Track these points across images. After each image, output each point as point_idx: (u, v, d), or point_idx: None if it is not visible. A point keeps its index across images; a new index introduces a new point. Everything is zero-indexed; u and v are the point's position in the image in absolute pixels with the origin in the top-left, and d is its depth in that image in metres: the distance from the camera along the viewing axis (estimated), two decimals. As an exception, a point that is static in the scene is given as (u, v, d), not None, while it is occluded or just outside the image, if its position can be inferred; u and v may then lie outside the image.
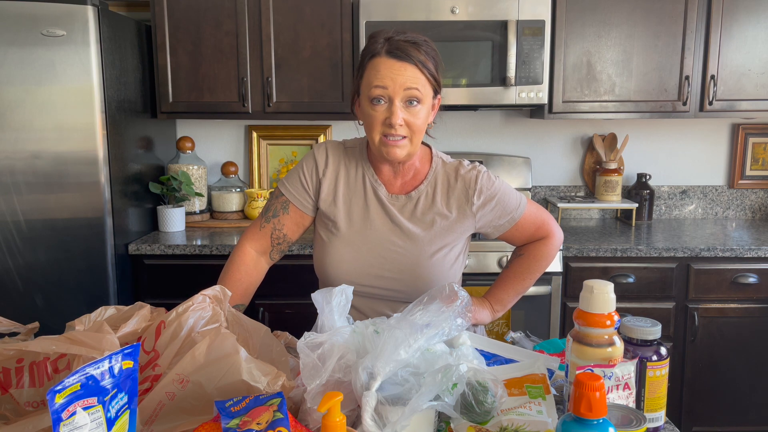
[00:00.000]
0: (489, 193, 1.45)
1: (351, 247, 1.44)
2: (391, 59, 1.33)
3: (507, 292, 1.57)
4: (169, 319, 1.01)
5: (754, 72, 2.74)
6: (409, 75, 1.33)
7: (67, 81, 2.30)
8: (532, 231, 1.53)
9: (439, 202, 1.45)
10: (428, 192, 1.46)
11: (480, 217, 1.46)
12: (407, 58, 1.32)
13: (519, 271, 1.56)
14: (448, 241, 1.45)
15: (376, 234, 1.44)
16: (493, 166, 3.07)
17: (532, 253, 1.55)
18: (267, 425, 0.79)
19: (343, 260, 1.44)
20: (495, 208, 1.46)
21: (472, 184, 1.44)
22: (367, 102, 1.36)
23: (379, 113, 1.34)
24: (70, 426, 0.72)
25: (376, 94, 1.33)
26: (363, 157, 1.49)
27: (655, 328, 1.03)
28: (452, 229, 1.45)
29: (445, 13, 2.62)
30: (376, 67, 1.34)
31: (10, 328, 1.09)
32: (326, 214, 1.47)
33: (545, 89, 2.66)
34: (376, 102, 1.34)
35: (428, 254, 1.43)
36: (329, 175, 1.48)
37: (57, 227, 2.36)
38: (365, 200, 1.46)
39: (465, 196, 1.45)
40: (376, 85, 1.33)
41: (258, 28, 2.71)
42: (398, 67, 1.32)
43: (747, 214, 3.22)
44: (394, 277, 1.43)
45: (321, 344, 0.96)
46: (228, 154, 3.17)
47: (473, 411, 0.96)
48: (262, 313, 2.56)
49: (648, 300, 2.59)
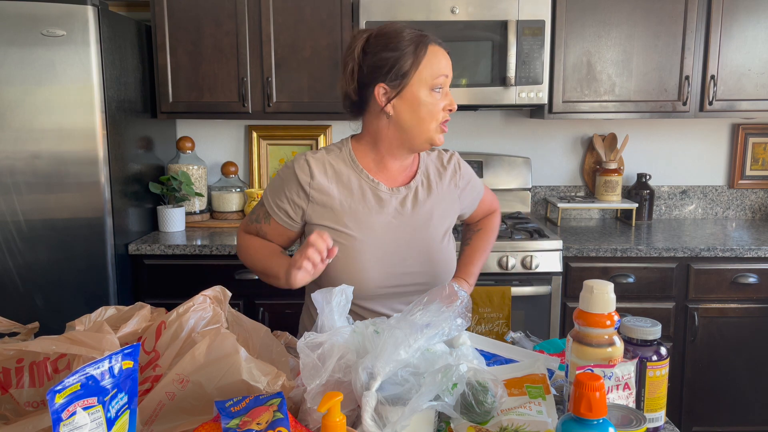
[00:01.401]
0: (468, 176, 1.57)
1: (369, 252, 1.41)
2: (442, 49, 1.39)
3: (476, 265, 1.64)
4: (170, 320, 1.01)
5: (754, 72, 2.75)
6: None
7: (67, 81, 2.30)
8: (487, 206, 1.69)
9: (434, 189, 1.50)
10: (423, 180, 1.50)
11: (463, 199, 1.56)
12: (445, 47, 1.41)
13: (482, 245, 1.67)
14: (446, 224, 1.52)
15: (387, 232, 1.43)
16: (493, 166, 3.07)
17: (488, 226, 1.69)
18: (267, 425, 0.79)
19: (365, 267, 1.40)
20: (473, 190, 1.59)
21: (458, 168, 1.55)
22: (425, 91, 1.36)
23: (438, 101, 1.38)
24: (70, 426, 0.72)
25: (441, 83, 1.37)
26: (352, 160, 1.45)
27: (655, 328, 1.03)
28: (447, 213, 1.52)
29: (445, 13, 2.62)
30: (436, 54, 1.37)
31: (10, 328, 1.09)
32: (326, 226, 1.42)
33: (545, 89, 2.66)
34: (438, 90, 1.37)
35: (439, 238, 1.48)
36: (317, 187, 1.42)
37: (57, 227, 2.36)
38: (366, 203, 1.43)
39: (453, 181, 1.53)
40: (442, 74, 1.37)
41: (258, 28, 2.71)
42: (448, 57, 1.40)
43: (747, 214, 3.22)
44: (417, 271, 1.45)
45: (321, 344, 0.96)
46: (228, 154, 3.17)
47: (473, 411, 0.96)
48: (262, 313, 2.56)
49: (648, 300, 2.59)
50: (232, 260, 2.54)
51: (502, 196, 3.09)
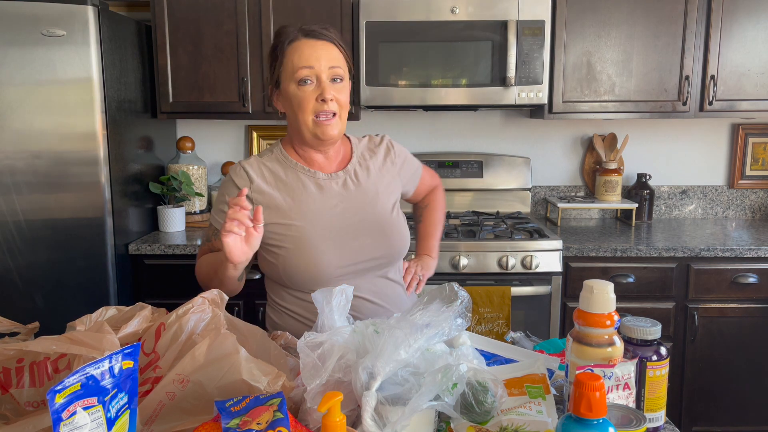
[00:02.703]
0: (403, 155, 1.64)
1: (320, 239, 1.43)
2: (311, 39, 1.40)
3: (434, 238, 1.77)
4: (169, 321, 1.01)
5: (754, 72, 2.75)
6: (332, 54, 1.40)
7: (67, 81, 2.30)
8: (428, 182, 1.77)
9: (372, 168, 1.54)
10: (360, 163, 1.54)
11: (402, 176, 1.62)
12: (324, 37, 1.41)
13: (434, 219, 1.79)
14: (392, 199, 1.57)
15: (335, 215, 1.46)
16: (493, 166, 3.07)
17: (435, 201, 1.80)
18: (267, 425, 0.79)
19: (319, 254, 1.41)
20: (409, 167, 1.66)
21: (390, 148, 1.61)
22: (293, 86, 1.40)
23: (308, 93, 1.39)
24: (70, 426, 0.72)
25: (303, 75, 1.38)
26: (284, 157, 1.50)
27: (655, 328, 1.03)
28: (390, 189, 1.56)
29: (445, 13, 2.62)
30: (299, 49, 1.39)
31: (10, 328, 1.09)
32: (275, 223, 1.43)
33: (545, 89, 2.66)
34: (303, 83, 1.39)
35: (387, 211, 1.52)
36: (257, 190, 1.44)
37: (57, 227, 2.36)
38: (306, 193, 1.46)
39: (389, 160, 1.59)
40: (303, 66, 1.38)
41: (258, 28, 2.71)
42: (320, 46, 1.39)
43: (747, 214, 3.22)
44: (371, 243, 1.47)
45: (321, 344, 0.96)
46: (228, 154, 3.17)
47: (473, 411, 0.96)
48: (262, 313, 2.56)
49: (648, 300, 2.59)
50: (232, 260, 2.54)
51: (502, 196, 3.09)
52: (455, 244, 2.52)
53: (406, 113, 3.15)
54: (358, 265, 1.47)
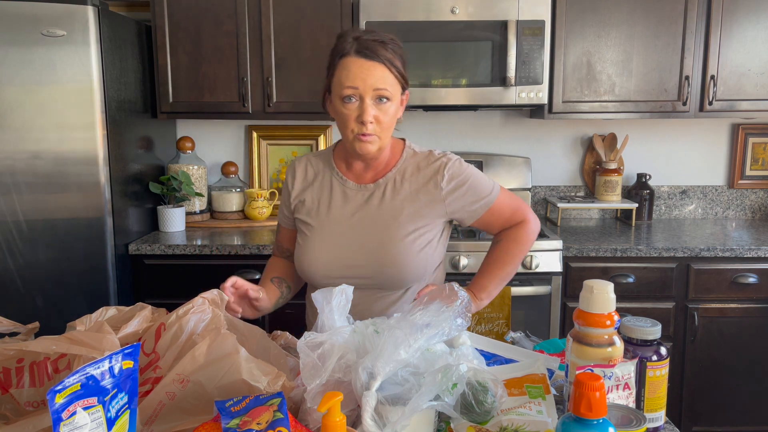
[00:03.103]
0: (459, 179, 1.49)
1: (320, 243, 1.50)
2: (360, 59, 1.38)
3: (489, 279, 1.57)
4: (169, 322, 1.01)
5: (754, 72, 2.75)
6: (378, 75, 1.38)
7: (67, 81, 2.30)
8: (507, 216, 1.56)
9: (407, 188, 1.50)
10: (396, 179, 1.51)
11: (450, 202, 1.49)
12: (376, 57, 1.38)
13: (499, 257, 1.58)
14: (418, 225, 1.48)
15: (341, 226, 1.49)
16: (493, 166, 3.07)
17: (509, 237, 1.57)
18: (267, 425, 0.79)
19: (315, 257, 1.50)
20: (467, 194, 1.50)
21: (441, 170, 1.49)
22: (338, 100, 1.41)
23: (351, 111, 1.40)
24: (70, 426, 0.72)
25: (347, 94, 1.39)
26: (329, 159, 1.56)
27: (655, 328, 1.03)
28: (421, 213, 1.48)
29: (445, 13, 2.62)
30: (347, 66, 1.39)
31: (10, 328, 1.09)
32: (300, 219, 1.56)
33: (545, 89, 2.66)
34: (348, 100, 1.39)
35: (398, 238, 1.46)
36: (297, 186, 1.57)
37: (57, 227, 2.36)
38: (330, 198, 1.52)
39: (433, 182, 1.49)
40: (348, 86, 1.38)
41: (258, 28, 2.71)
42: (368, 67, 1.38)
43: (747, 214, 3.22)
44: (362, 264, 1.46)
45: (321, 344, 0.96)
46: (228, 154, 3.17)
47: (473, 411, 0.96)
48: (262, 313, 2.56)
49: (648, 300, 2.59)
50: (233, 260, 2.54)
51: (502, 196, 3.09)
52: (455, 244, 2.52)
53: (406, 113, 3.14)
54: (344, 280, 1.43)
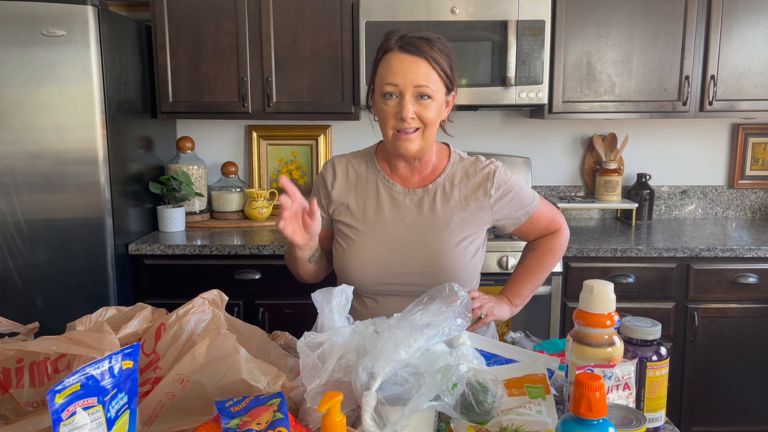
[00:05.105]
0: (506, 187, 1.50)
1: (371, 249, 1.47)
2: (402, 53, 1.37)
3: (524, 285, 1.58)
4: (169, 322, 1.01)
5: (754, 72, 2.74)
6: (420, 72, 1.36)
7: (67, 81, 2.30)
8: (545, 224, 1.59)
9: (457, 195, 1.49)
10: (446, 185, 1.50)
11: (497, 210, 1.50)
12: (419, 53, 1.37)
13: (534, 264, 1.60)
14: (468, 232, 1.48)
15: (392, 231, 1.47)
16: (493, 166, 3.07)
17: (545, 245, 1.61)
18: (267, 425, 0.79)
19: (364, 263, 1.46)
20: (512, 201, 1.51)
21: (491, 177, 1.49)
22: (380, 97, 1.40)
23: (390, 107, 1.38)
24: (70, 426, 0.72)
25: (387, 90, 1.38)
26: (372, 161, 1.53)
27: (655, 328, 1.03)
28: (470, 221, 1.48)
29: (445, 13, 2.62)
30: (389, 62, 1.38)
31: (10, 328, 1.09)
32: (343, 222, 1.51)
33: (545, 89, 2.66)
34: (388, 97, 1.38)
35: (452, 244, 1.46)
36: (338, 187, 1.52)
37: (57, 227, 2.36)
38: (378, 201, 1.49)
39: (483, 189, 1.49)
40: (388, 82, 1.37)
41: (258, 28, 2.71)
42: (409, 62, 1.36)
43: (747, 214, 3.22)
44: (417, 272, 1.45)
45: (321, 344, 0.96)
46: (228, 154, 3.17)
47: (473, 411, 0.96)
48: (262, 313, 2.56)
49: (648, 300, 2.59)
50: (232, 260, 2.54)
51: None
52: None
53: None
54: (396, 287, 1.46)
